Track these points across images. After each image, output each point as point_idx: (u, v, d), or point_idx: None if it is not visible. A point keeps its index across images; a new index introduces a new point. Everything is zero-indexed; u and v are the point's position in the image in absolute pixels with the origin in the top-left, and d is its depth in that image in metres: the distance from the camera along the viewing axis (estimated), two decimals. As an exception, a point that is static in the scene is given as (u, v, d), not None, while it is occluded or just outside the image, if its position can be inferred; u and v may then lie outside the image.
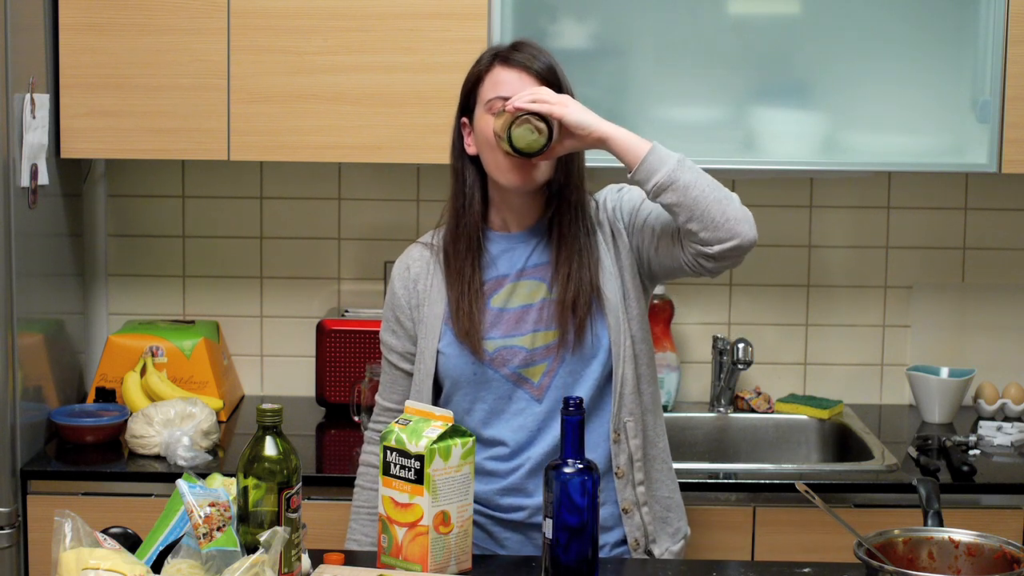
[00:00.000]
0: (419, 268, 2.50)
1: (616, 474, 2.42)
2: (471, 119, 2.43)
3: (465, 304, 2.41)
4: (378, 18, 3.10)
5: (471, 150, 2.43)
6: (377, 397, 2.58)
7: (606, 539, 2.43)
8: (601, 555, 2.33)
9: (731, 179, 3.49)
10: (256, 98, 3.11)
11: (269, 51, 3.10)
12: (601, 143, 2.31)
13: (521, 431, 2.42)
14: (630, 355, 2.42)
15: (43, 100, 3.02)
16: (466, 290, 2.42)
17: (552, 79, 2.39)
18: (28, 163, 2.95)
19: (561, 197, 2.42)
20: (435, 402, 2.46)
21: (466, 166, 2.45)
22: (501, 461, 2.43)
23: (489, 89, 2.39)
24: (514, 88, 2.36)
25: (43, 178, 3.03)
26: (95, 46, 3.10)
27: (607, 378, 2.42)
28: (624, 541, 2.44)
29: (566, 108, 2.29)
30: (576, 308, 2.39)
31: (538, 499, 2.37)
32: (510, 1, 3.09)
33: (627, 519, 2.43)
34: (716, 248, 2.27)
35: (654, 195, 2.28)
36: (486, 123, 2.38)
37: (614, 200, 2.48)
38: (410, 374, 2.50)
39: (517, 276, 2.45)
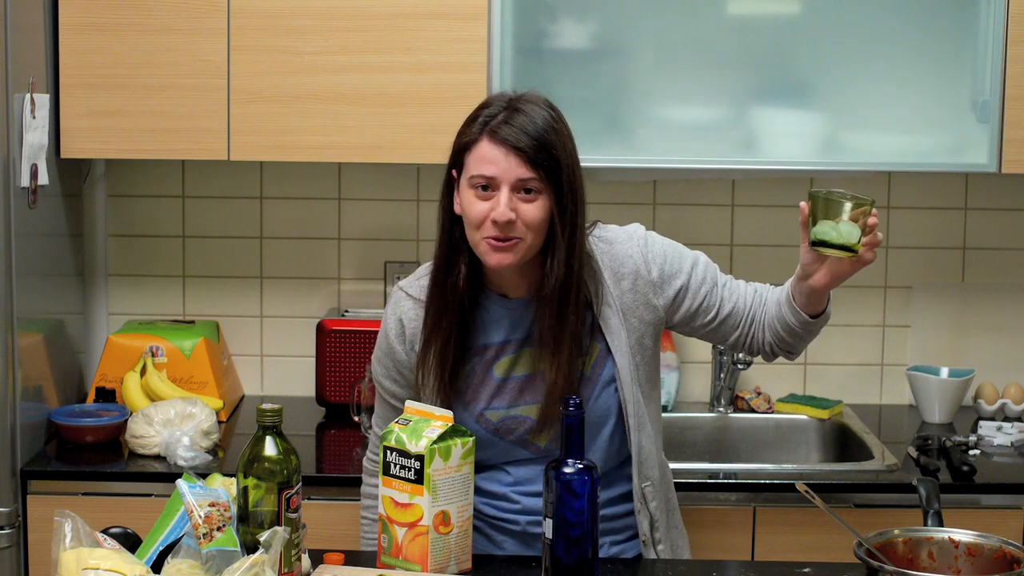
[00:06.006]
0: (414, 328, 2.38)
1: (643, 541, 2.39)
2: (459, 176, 2.29)
3: (456, 374, 2.33)
4: (378, 18, 3.10)
5: (458, 210, 2.29)
6: (373, 427, 2.53)
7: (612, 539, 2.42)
8: (601, 553, 2.33)
9: (731, 179, 3.49)
10: (256, 98, 3.11)
11: (269, 51, 3.10)
12: (828, 287, 2.42)
13: (526, 469, 2.39)
14: (646, 420, 2.37)
15: (43, 100, 3.02)
16: (449, 355, 2.32)
17: (542, 157, 2.22)
18: (28, 163, 2.95)
19: (556, 274, 2.27)
20: None
21: (453, 223, 2.31)
22: (502, 485, 2.40)
23: (474, 164, 2.24)
24: (500, 168, 2.21)
25: (43, 178, 3.03)
26: (95, 46, 3.10)
27: (621, 443, 2.37)
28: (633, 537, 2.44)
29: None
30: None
31: (537, 516, 2.35)
32: (510, 1, 3.09)
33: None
34: (793, 356, 2.46)
35: (803, 327, 2.40)
36: (469, 199, 2.25)
37: (648, 266, 2.36)
38: None
39: (520, 344, 2.36)
